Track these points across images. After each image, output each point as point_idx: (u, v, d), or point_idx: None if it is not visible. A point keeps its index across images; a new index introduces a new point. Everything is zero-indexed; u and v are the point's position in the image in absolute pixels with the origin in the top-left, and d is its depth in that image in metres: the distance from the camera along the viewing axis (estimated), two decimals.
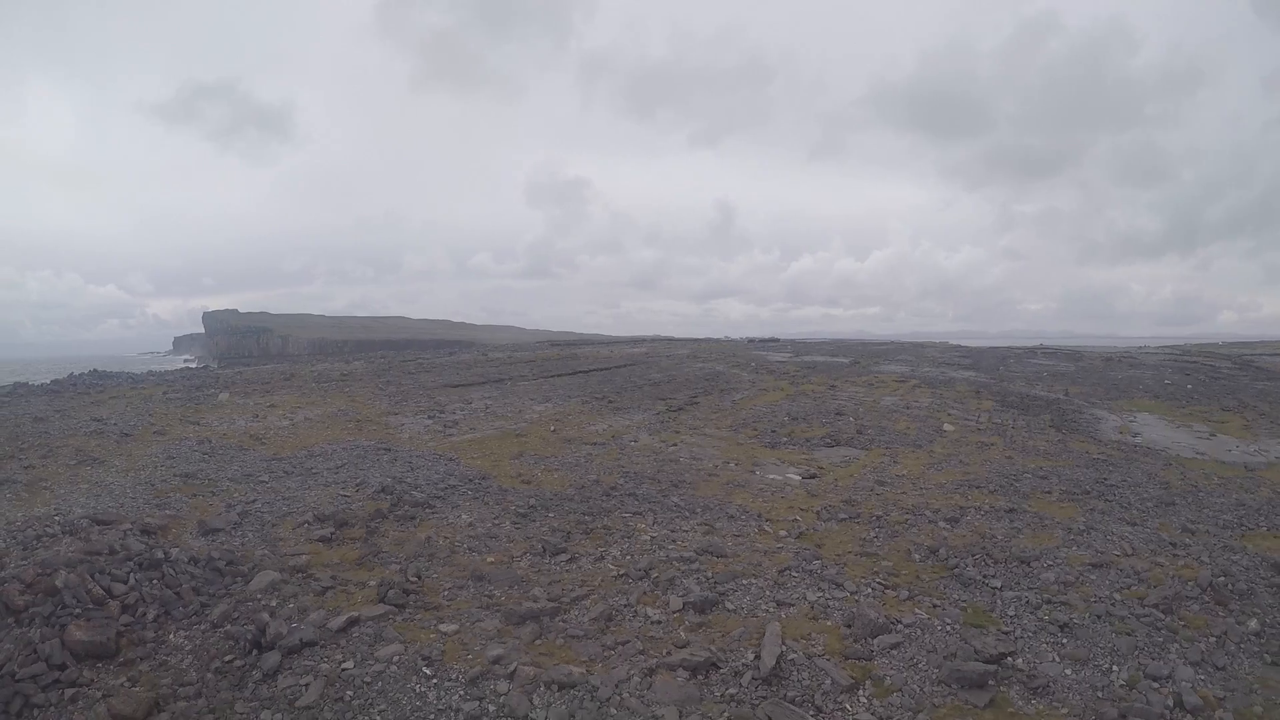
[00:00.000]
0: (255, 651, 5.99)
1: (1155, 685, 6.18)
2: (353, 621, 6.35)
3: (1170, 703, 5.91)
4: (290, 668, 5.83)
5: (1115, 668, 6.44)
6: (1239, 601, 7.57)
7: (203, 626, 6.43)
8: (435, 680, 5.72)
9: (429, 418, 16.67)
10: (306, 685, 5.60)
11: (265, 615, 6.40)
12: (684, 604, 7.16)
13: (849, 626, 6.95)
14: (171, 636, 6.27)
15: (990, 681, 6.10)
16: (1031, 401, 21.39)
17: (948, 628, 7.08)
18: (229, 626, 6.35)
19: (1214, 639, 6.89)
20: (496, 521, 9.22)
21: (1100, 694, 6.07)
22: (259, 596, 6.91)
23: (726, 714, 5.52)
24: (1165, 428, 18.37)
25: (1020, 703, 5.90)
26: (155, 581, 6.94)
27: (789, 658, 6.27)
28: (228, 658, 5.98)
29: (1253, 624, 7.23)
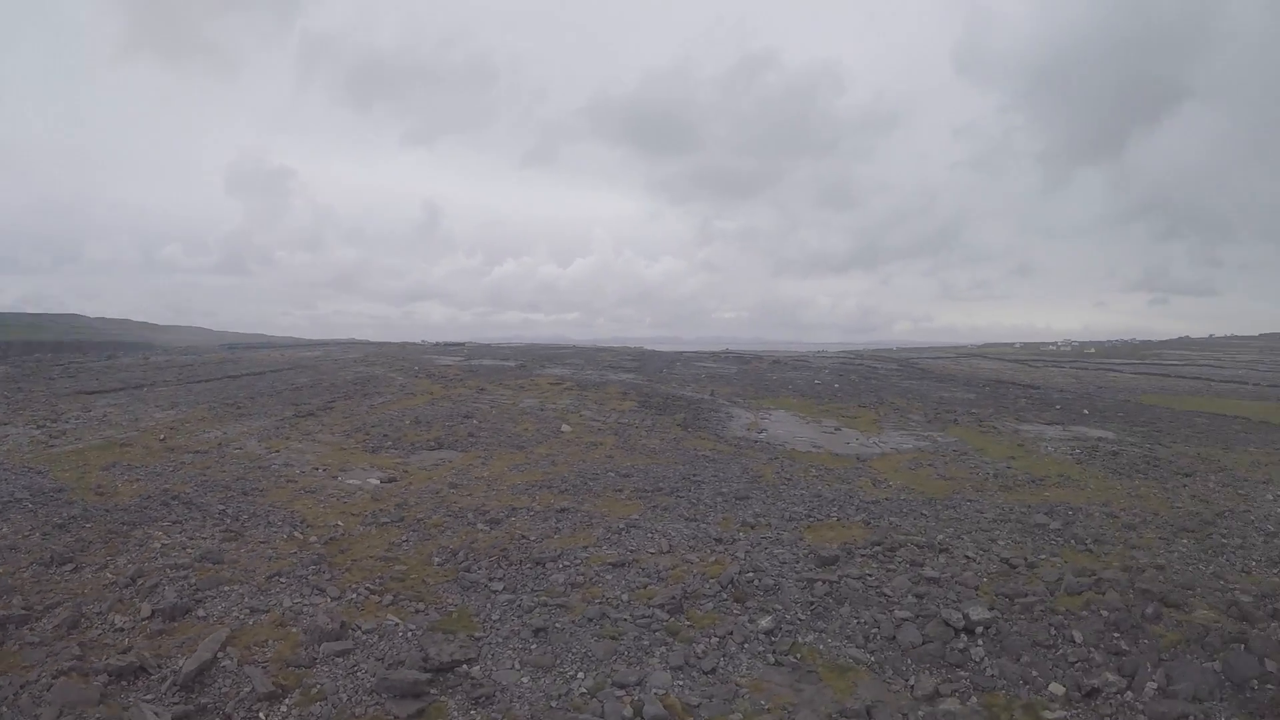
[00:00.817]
0: None
1: (620, 693, 5.93)
2: None
3: (629, 712, 5.69)
4: None
5: (582, 674, 6.25)
6: (761, 598, 7.37)
7: None
8: None
9: (38, 428, 16.90)
10: None
11: None
12: (154, 611, 7.74)
13: (307, 634, 7.09)
14: None
15: (431, 690, 5.97)
16: (673, 402, 22.81)
17: (410, 634, 7.18)
18: None
19: (716, 639, 6.71)
20: (28, 534, 10.52)
21: (555, 703, 5.87)
22: None
23: (100, 715, 5.89)
24: (795, 424, 19.67)
25: (457, 713, 5.79)
26: None
27: (221, 664, 6.66)
28: None
29: (765, 622, 6.92)
